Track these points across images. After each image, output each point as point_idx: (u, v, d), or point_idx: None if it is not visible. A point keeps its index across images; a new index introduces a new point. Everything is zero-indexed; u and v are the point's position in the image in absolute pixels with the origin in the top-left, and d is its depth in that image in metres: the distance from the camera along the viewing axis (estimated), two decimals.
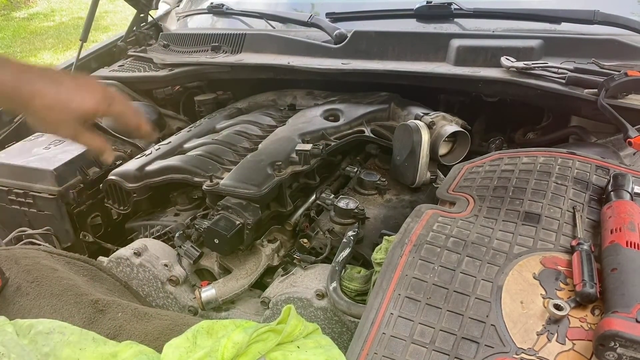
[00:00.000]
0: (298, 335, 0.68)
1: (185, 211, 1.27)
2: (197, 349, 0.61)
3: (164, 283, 1.04)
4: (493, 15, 1.42)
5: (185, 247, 1.07)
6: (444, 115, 1.24)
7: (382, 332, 0.63)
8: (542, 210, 0.79)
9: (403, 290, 0.67)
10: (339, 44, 1.52)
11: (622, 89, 1.07)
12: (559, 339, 0.60)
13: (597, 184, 0.86)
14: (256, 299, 1.06)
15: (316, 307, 0.89)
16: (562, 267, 0.68)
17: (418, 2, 1.50)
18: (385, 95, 1.47)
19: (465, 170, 0.96)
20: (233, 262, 1.08)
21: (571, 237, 0.74)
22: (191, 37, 1.83)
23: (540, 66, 1.18)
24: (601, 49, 1.24)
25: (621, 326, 0.53)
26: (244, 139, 1.32)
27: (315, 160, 1.17)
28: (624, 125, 0.98)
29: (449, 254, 0.72)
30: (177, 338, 0.62)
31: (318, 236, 1.10)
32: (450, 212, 0.83)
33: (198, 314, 1.05)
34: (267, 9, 1.82)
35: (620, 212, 0.72)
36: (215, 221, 1.02)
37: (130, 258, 1.04)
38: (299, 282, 0.95)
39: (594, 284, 0.62)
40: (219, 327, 0.64)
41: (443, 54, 1.38)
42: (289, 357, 0.63)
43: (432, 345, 0.61)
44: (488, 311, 0.64)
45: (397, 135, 1.24)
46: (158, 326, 0.87)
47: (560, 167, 0.89)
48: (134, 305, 0.93)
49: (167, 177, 1.20)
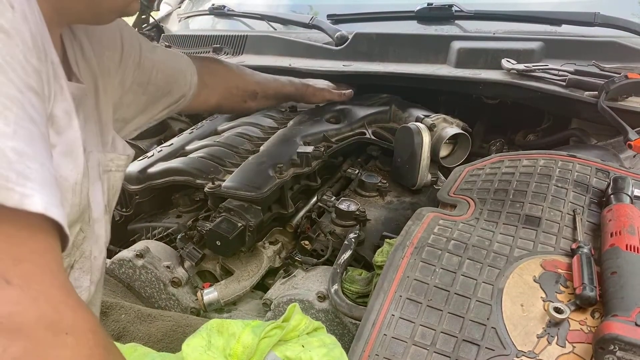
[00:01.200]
0: (303, 330, 0.68)
1: (187, 213, 1.28)
2: (212, 347, 0.62)
3: (166, 285, 1.04)
4: (494, 17, 1.43)
5: (187, 248, 1.07)
6: (445, 117, 1.25)
7: (384, 334, 0.64)
8: (543, 213, 0.80)
9: (404, 292, 0.68)
10: (340, 45, 1.53)
11: (622, 92, 1.07)
12: (559, 341, 0.60)
13: (597, 187, 0.86)
14: (258, 300, 1.07)
15: (317, 309, 0.89)
16: (562, 270, 0.69)
17: (419, 4, 1.51)
18: (386, 97, 1.47)
19: (466, 172, 0.97)
20: (235, 264, 1.09)
21: (571, 240, 0.75)
22: (193, 38, 1.84)
23: (540, 68, 1.18)
24: (602, 51, 1.24)
25: (621, 329, 0.54)
26: (245, 141, 1.32)
27: (317, 162, 1.18)
28: (624, 128, 0.98)
29: (450, 256, 0.73)
30: (194, 337, 0.63)
31: (319, 238, 1.10)
32: (451, 215, 0.83)
33: (200, 316, 1.05)
34: (268, 10, 1.83)
35: (620, 216, 0.73)
36: (217, 223, 1.02)
37: (133, 260, 1.04)
38: (301, 284, 0.96)
39: (593, 287, 0.63)
40: (228, 325, 0.65)
41: (444, 56, 1.38)
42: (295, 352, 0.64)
43: (433, 347, 0.62)
44: (489, 314, 0.64)
45: (398, 138, 1.25)
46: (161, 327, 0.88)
47: (560, 170, 0.90)
48: (137, 306, 0.94)
49: (169, 179, 1.20)
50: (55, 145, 0.52)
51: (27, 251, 0.40)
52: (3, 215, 0.39)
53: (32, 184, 0.39)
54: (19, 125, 0.40)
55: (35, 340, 0.38)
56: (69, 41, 0.71)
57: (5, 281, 0.38)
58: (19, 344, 0.37)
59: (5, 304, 0.37)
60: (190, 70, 1.05)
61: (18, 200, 0.38)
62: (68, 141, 0.54)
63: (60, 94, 0.53)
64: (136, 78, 0.89)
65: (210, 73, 1.13)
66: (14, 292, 0.38)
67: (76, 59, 0.72)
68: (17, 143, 0.39)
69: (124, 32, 0.85)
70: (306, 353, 0.64)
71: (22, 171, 0.39)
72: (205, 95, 1.12)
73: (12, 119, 0.40)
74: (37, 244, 0.41)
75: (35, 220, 0.41)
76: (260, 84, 1.28)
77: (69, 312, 0.42)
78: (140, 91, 0.92)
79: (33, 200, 0.39)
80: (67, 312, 0.41)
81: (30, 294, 0.39)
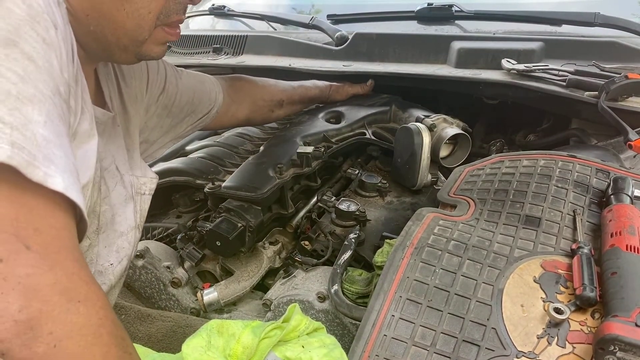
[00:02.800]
0: (303, 330, 0.69)
1: (187, 213, 1.28)
2: (212, 348, 0.62)
3: (166, 285, 1.04)
4: (494, 17, 1.43)
5: (187, 249, 1.07)
6: (445, 117, 1.25)
7: (384, 334, 0.64)
8: (543, 213, 0.80)
9: (404, 293, 0.68)
10: (340, 46, 1.53)
11: (622, 92, 1.07)
12: (559, 342, 0.60)
13: (597, 187, 0.86)
14: (258, 300, 1.07)
15: (317, 309, 0.89)
16: (563, 271, 0.69)
17: (419, 4, 1.51)
18: (386, 98, 1.47)
19: (466, 173, 0.97)
20: (235, 264, 1.09)
21: (571, 241, 0.74)
22: (192, 38, 1.84)
23: (540, 68, 1.18)
24: (602, 51, 1.24)
25: (621, 330, 0.54)
26: (245, 141, 1.32)
27: (317, 163, 1.18)
28: (624, 128, 0.98)
29: (450, 257, 0.73)
30: (194, 338, 0.63)
31: (319, 238, 1.10)
32: (451, 216, 0.83)
33: (200, 316, 1.05)
34: (268, 10, 1.82)
35: (620, 216, 0.73)
36: (217, 223, 1.02)
37: (133, 260, 1.04)
38: (301, 284, 0.96)
39: (594, 288, 0.63)
40: (228, 325, 0.65)
41: (444, 56, 1.38)
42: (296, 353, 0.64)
43: (433, 348, 0.61)
44: (489, 314, 0.64)
45: (398, 138, 1.25)
46: (161, 328, 0.88)
47: (560, 170, 0.90)
48: (137, 307, 0.94)
49: (169, 179, 1.20)
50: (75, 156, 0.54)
51: (47, 224, 0.43)
52: (28, 189, 0.42)
53: (55, 167, 0.43)
54: (49, 119, 0.45)
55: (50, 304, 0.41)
56: (103, 75, 0.78)
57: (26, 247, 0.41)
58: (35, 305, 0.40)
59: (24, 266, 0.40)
60: (216, 90, 1.10)
61: (42, 177, 0.41)
62: (84, 153, 0.58)
63: (85, 112, 0.58)
64: (160, 103, 0.95)
65: (236, 90, 1.19)
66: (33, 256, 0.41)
67: (109, 92, 0.78)
68: (47, 132, 0.44)
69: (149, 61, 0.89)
70: (306, 353, 0.64)
71: (48, 155, 0.43)
72: (234, 111, 1.18)
73: (45, 112, 0.44)
74: (56, 220, 0.44)
75: (56, 198, 0.44)
76: (285, 92, 1.33)
77: (82, 283, 0.45)
78: (165, 114, 0.98)
79: (55, 180, 0.42)
80: (81, 283, 0.44)
81: (47, 262, 0.42)
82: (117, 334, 0.47)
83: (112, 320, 0.47)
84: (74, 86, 0.53)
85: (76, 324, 0.42)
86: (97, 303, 0.45)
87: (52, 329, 0.40)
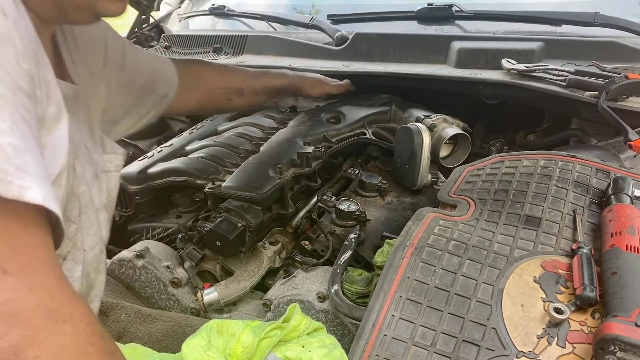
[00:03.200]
0: (303, 330, 0.69)
1: (187, 213, 1.28)
2: (212, 347, 0.62)
3: (166, 285, 1.04)
4: (494, 17, 1.43)
5: (188, 249, 1.07)
6: (445, 117, 1.25)
7: (384, 334, 0.64)
8: (543, 213, 0.80)
9: (404, 293, 0.68)
10: (340, 46, 1.53)
11: (622, 92, 1.07)
12: (559, 342, 0.60)
13: (597, 187, 0.86)
14: (258, 300, 1.07)
15: (317, 309, 0.89)
16: (563, 271, 0.69)
17: (419, 4, 1.51)
18: (387, 98, 1.47)
19: (466, 173, 0.97)
20: (235, 264, 1.09)
21: (571, 241, 0.74)
22: (193, 38, 1.84)
23: (541, 68, 1.18)
24: (602, 51, 1.24)
25: (621, 330, 0.54)
26: (245, 141, 1.32)
27: (317, 163, 1.18)
28: (624, 128, 0.98)
29: (450, 257, 0.73)
30: (194, 337, 0.63)
31: (319, 238, 1.10)
32: (451, 216, 0.83)
33: (200, 316, 1.05)
34: (268, 10, 1.82)
35: (620, 216, 0.73)
36: (217, 223, 1.02)
37: (133, 260, 1.04)
38: (301, 284, 0.96)
39: (594, 288, 0.63)
40: (228, 325, 0.65)
41: (444, 56, 1.38)
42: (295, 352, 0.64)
43: (433, 348, 0.61)
44: (489, 314, 0.64)
45: (398, 138, 1.25)
46: (161, 328, 0.88)
47: (560, 170, 0.90)
48: (137, 307, 0.94)
49: (169, 179, 1.20)
50: (45, 146, 0.52)
51: (22, 244, 0.42)
52: (1, 207, 0.40)
53: (30, 178, 0.41)
54: (14, 123, 0.42)
55: (34, 328, 0.39)
56: (63, 44, 0.73)
57: (2, 270, 0.39)
58: (17, 331, 0.38)
59: (3, 290, 0.39)
60: (171, 70, 1.06)
61: (17, 192, 0.39)
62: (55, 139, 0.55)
63: (51, 96, 0.54)
64: (121, 80, 0.91)
65: (189, 74, 1.13)
66: (11, 280, 0.39)
67: (72, 59, 0.74)
68: (14, 139, 0.41)
69: (107, 35, 0.87)
70: (306, 353, 0.64)
71: (20, 165, 0.40)
72: (186, 97, 1.12)
73: (9, 116, 0.41)
74: (32, 237, 0.43)
75: (30, 213, 0.42)
76: (245, 80, 1.26)
77: (66, 301, 0.43)
78: (127, 92, 0.94)
79: (32, 192, 0.40)
80: (64, 302, 0.43)
81: (27, 283, 0.40)
82: (106, 348, 0.45)
83: (100, 335, 0.45)
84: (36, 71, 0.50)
85: (63, 345, 0.41)
86: (84, 320, 0.44)
87: (38, 353, 0.39)
